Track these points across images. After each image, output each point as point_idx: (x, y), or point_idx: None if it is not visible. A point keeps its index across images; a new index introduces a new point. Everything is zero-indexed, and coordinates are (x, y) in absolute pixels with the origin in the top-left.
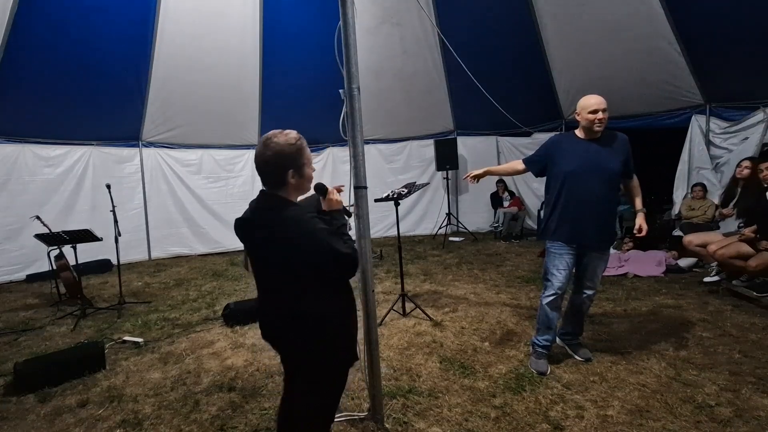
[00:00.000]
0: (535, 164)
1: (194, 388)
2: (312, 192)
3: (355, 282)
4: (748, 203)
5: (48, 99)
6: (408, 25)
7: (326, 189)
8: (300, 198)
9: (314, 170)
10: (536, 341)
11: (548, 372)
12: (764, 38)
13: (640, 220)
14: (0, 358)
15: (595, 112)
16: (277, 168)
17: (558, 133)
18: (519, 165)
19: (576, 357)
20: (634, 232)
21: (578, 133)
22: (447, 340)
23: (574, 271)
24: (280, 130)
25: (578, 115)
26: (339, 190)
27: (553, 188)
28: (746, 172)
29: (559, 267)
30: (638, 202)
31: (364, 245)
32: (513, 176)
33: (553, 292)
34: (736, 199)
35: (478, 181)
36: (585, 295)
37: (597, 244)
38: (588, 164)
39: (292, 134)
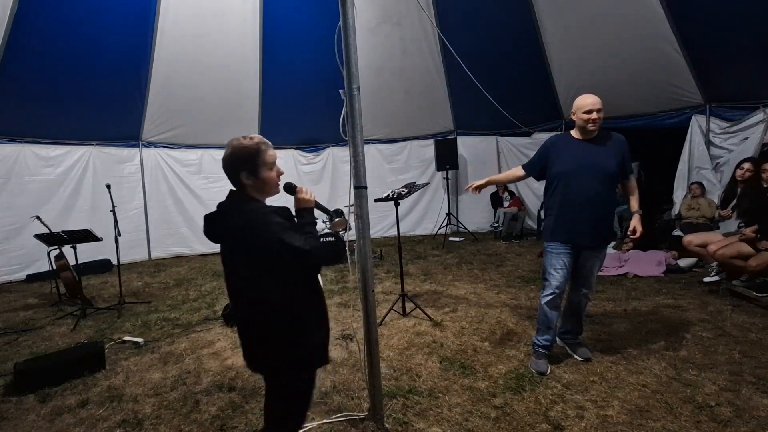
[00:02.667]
0: (534, 168)
1: (194, 388)
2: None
3: (354, 282)
4: (749, 203)
5: (48, 99)
6: (408, 25)
7: (294, 187)
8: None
9: (282, 173)
10: (536, 341)
11: (548, 372)
12: (764, 38)
13: (635, 222)
14: (0, 358)
15: (589, 112)
16: (232, 169)
17: (555, 134)
18: (519, 171)
19: (576, 356)
20: (628, 233)
21: (574, 133)
22: (447, 340)
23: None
24: (245, 135)
25: (574, 114)
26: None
27: (550, 189)
28: (748, 174)
29: (557, 266)
30: (634, 203)
31: (364, 245)
32: (518, 184)
33: (551, 291)
34: (735, 199)
35: (480, 192)
36: (582, 293)
37: (593, 244)
38: (583, 164)
39: (253, 138)
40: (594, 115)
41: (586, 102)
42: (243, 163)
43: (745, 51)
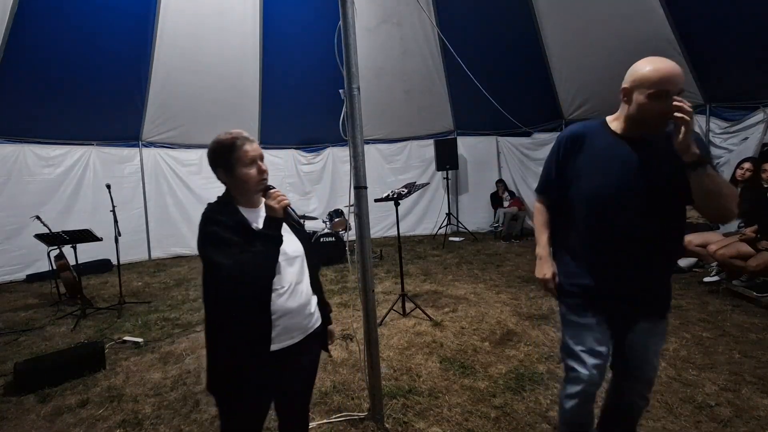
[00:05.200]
0: (550, 186)
1: (194, 388)
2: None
3: (354, 282)
4: (748, 203)
5: (48, 99)
6: (408, 25)
7: (267, 191)
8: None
9: (264, 170)
10: None
11: None
12: (764, 38)
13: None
14: (0, 358)
15: (661, 96)
16: (211, 166)
17: (576, 123)
18: (542, 211)
19: None
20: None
21: (613, 122)
22: (447, 340)
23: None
24: (229, 131)
25: (625, 98)
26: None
27: (569, 217)
28: (748, 174)
29: (587, 344)
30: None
31: (364, 245)
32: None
33: (579, 388)
34: None
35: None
36: (635, 389)
37: (646, 307)
38: (630, 179)
39: (231, 133)
40: (677, 105)
41: (658, 73)
42: (218, 160)
43: (745, 51)
